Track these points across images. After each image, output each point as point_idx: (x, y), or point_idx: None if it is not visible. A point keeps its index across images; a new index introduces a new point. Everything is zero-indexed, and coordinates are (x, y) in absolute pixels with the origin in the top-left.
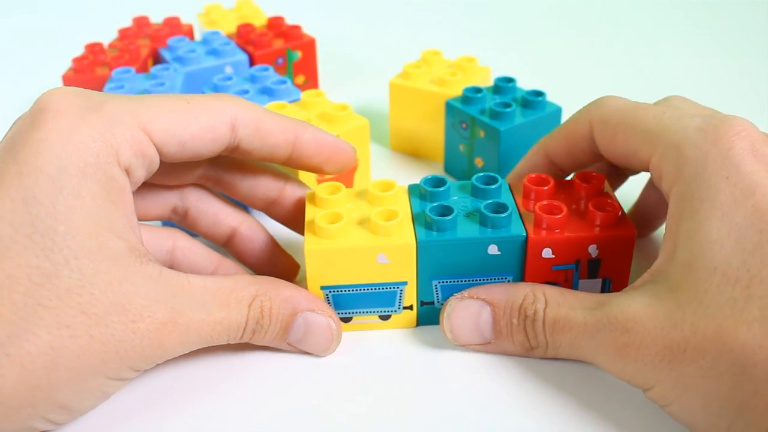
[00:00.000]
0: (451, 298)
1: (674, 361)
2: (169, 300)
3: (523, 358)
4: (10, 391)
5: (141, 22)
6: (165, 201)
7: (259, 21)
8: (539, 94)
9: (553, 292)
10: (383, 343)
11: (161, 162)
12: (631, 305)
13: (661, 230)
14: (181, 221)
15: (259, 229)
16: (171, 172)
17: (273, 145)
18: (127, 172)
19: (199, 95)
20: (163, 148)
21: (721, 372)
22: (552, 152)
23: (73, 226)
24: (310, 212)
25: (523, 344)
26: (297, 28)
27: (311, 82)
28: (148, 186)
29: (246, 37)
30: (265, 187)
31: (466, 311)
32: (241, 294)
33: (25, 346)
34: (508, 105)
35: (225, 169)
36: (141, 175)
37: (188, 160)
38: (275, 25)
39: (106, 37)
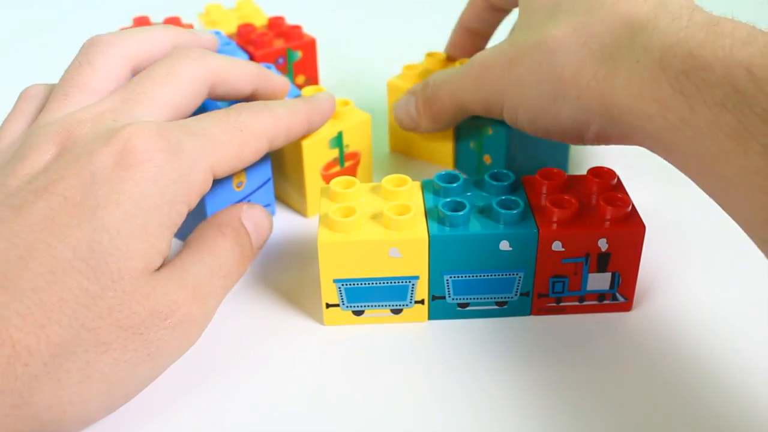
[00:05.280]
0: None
1: (512, 68)
2: (188, 283)
3: (528, 358)
4: (45, 404)
5: (141, 22)
6: None
7: (260, 21)
8: None
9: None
10: (394, 337)
11: None
12: (487, 50)
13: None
14: None
15: None
16: None
17: (294, 139)
18: (189, 209)
19: (245, 113)
20: (218, 177)
21: (541, 61)
22: None
23: (129, 251)
24: (324, 206)
25: (426, 111)
26: (297, 28)
27: (311, 82)
28: None
29: (246, 37)
30: None
31: (399, 102)
32: (223, 241)
33: (63, 364)
34: None
35: None
36: None
37: None
38: (275, 25)
39: None
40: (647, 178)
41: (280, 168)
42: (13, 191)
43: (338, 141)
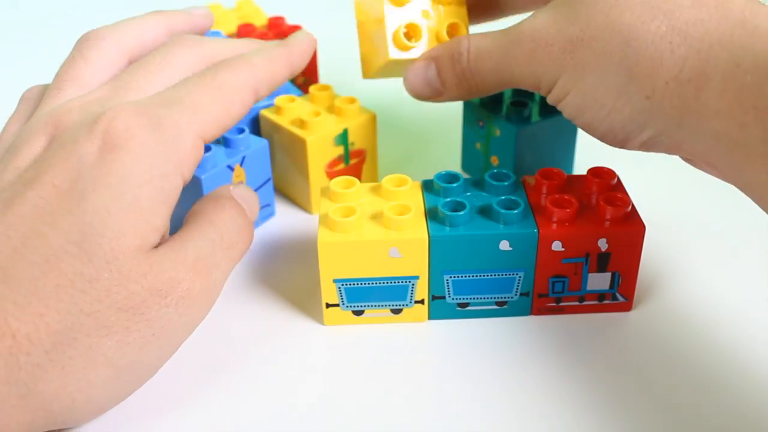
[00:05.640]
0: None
1: (574, 51)
2: (188, 257)
3: (528, 358)
4: (52, 394)
5: None
6: None
7: (260, 21)
8: None
9: (476, 35)
10: (394, 337)
11: None
12: (535, 20)
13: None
14: None
15: None
16: None
17: (279, 85)
18: (184, 183)
19: (221, 70)
20: (209, 141)
21: (611, 50)
22: None
23: (121, 229)
24: (324, 206)
25: (462, 84)
26: (297, 28)
27: (312, 81)
28: None
29: (246, 37)
30: None
31: (417, 70)
32: (227, 214)
33: (66, 351)
34: (525, 104)
35: None
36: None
37: None
38: (275, 25)
39: None
40: (647, 178)
41: (284, 165)
42: (5, 186)
43: (343, 138)
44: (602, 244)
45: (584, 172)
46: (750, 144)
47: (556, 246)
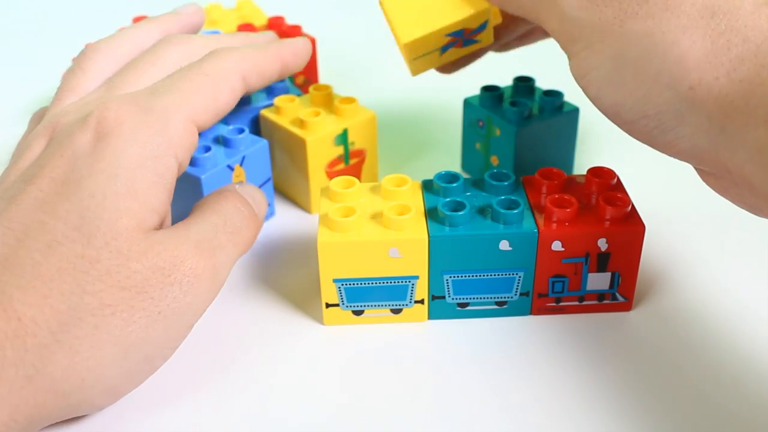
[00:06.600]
0: None
1: (626, 19)
2: (190, 238)
3: (528, 358)
4: (61, 374)
5: None
6: None
7: (260, 21)
8: (557, 94)
9: None
10: (394, 337)
11: None
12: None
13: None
14: None
15: None
16: None
17: (269, 78)
18: (180, 166)
19: (209, 58)
20: (202, 128)
21: (650, 58)
22: None
23: (117, 210)
24: (324, 206)
25: None
26: (297, 28)
27: (312, 81)
28: None
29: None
30: None
31: None
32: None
33: (72, 331)
34: (525, 104)
35: None
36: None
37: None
38: (275, 24)
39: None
40: (647, 178)
41: (284, 165)
42: (8, 186)
43: (343, 138)
44: (602, 244)
45: (584, 172)
46: None
47: (556, 246)
